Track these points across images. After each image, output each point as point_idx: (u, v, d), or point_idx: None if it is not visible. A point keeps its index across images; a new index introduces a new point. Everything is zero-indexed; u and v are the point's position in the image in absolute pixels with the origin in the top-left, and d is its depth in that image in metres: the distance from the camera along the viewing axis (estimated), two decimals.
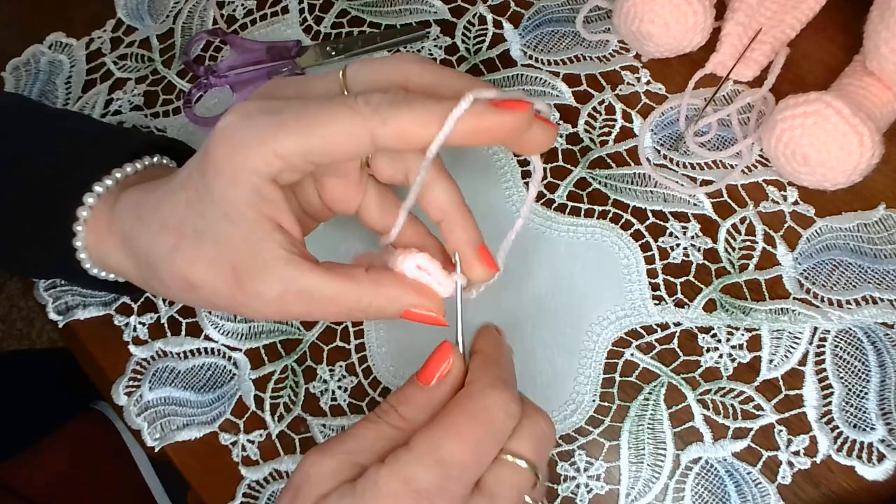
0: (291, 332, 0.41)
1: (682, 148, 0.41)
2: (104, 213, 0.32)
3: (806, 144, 0.36)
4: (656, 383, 0.37)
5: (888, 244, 0.38)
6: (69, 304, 0.43)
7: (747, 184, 0.40)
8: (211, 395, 0.40)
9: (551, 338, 0.38)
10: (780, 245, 0.38)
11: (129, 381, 0.41)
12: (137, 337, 0.42)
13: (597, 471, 0.36)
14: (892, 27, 0.35)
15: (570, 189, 0.41)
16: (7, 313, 1.25)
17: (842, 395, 0.35)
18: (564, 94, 0.43)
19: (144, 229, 0.30)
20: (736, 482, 0.35)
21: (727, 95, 0.42)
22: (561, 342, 0.38)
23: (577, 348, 0.38)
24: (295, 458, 0.38)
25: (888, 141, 0.37)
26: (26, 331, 1.24)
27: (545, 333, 0.38)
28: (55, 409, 0.63)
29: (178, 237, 0.28)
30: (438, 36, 0.46)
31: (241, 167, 0.26)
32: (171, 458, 0.40)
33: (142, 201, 0.31)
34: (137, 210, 0.31)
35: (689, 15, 0.40)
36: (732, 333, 0.37)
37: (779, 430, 0.35)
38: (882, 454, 0.34)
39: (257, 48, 0.47)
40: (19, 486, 0.56)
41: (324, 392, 0.39)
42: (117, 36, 0.50)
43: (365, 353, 0.40)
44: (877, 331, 0.36)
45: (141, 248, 0.30)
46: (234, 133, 0.26)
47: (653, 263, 0.39)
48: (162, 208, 0.29)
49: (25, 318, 1.25)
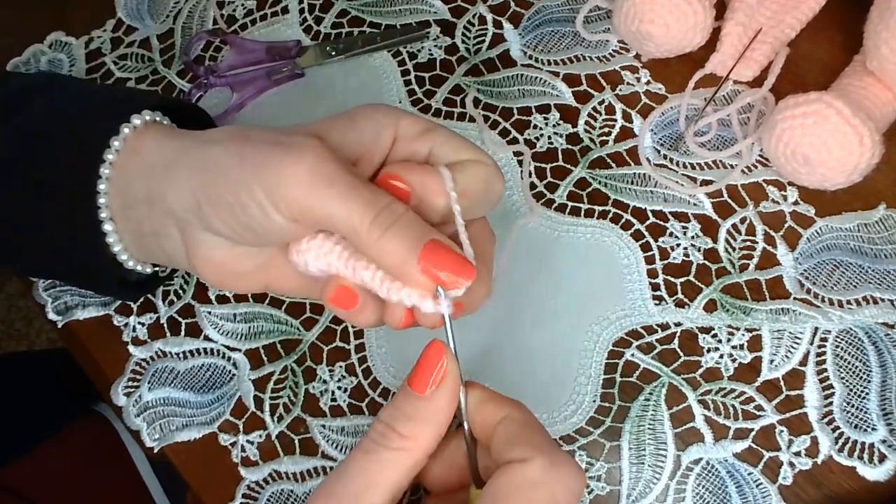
0: (291, 333, 0.41)
1: (682, 148, 0.41)
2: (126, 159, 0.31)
3: (806, 144, 0.36)
4: (657, 384, 0.37)
5: (888, 244, 0.38)
6: (68, 304, 0.43)
7: (747, 184, 0.40)
8: (210, 396, 0.40)
9: (551, 338, 0.38)
10: (781, 245, 0.38)
11: (129, 382, 0.41)
12: (137, 337, 0.42)
13: (597, 472, 0.36)
14: (892, 27, 0.35)
15: (570, 189, 0.41)
16: (6, 313, 1.25)
17: (843, 395, 0.35)
18: (564, 94, 0.43)
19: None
20: (737, 483, 0.35)
21: (727, 95, 0.42)
22: (561, 342, 0.38)
23: (577, 348, 0.38)
24: (294, 458, 0.38)
25: (888, 141, 0.37)
26: (25, 331, 1.24)
27: (545, 333, 0.38)
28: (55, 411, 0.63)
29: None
30: (438, 36, 0.46)
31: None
32: (171, 458, 0.39)
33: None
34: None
35: (689, 15, 0.40)
36: (733, 334, 0.37)
37: (780, 431, 0.35)
38: (883, 455, 0.34)
39: (257, 48, 0.47)
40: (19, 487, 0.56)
41: (323, 392, 0.39)
42: (117, 36, 0.50)
43: (365, 354, 0.40)
44: (878, 331, 0.36)
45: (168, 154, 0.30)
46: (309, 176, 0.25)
47: (653, 263, 0.39)
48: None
49: (24, 317, 1.25)
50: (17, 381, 0.63)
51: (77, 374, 0.43)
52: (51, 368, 0.67)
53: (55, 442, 0.60)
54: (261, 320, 0.41)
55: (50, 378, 0.65)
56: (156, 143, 0.31)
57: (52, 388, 0.64)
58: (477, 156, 0.29)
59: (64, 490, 0.58)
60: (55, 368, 0.66)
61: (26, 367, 0.68)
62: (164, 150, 0.30)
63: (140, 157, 0.31)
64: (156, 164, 0.30)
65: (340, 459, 0.38)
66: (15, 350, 1.21)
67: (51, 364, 0.68)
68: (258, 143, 0.27)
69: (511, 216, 0.41)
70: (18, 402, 0.61)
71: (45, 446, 0.59)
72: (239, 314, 0.41)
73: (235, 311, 0.41)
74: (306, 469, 0.38)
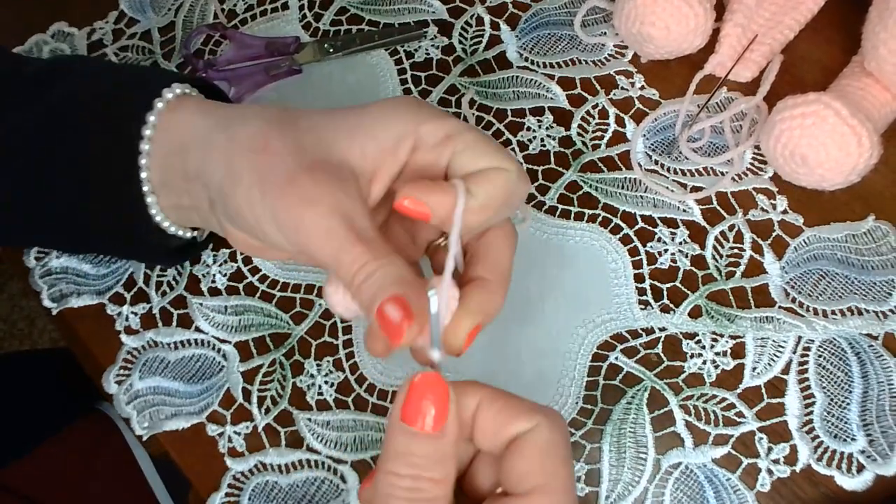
0: (281, 327, 0.41)
1: (674, 153, 0.41)
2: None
3: (804, 145, 0.36)
4: (639, 387, 0.37)
5: (875, 255, 0.38)
6: (63, 291, 0.43)
7: (737, 191, 0.40)
8: (199, 386, 0.41)
9: (537, 339, 0.38)
10: (768, 253, 0.38)
11: (120, 370, 0.41)
12: (129, 326, 0.42)
13: (577, 472, 0.36)
14: (891, 28, 0.35)
15: (560, 192, 0.41)
16: (9, 313, 1.26)
17: (824, 405, 0.36)
18: (559, 96, 0.44)
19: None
20: (715, 488, 0.35)
21: (721, 102, 0.42)
22: (546, 344, 0.38)
23: (562, 350, 0.38)
24: (280, 450, 0.39)
25: (886, 142, 0.37)
26: (28, 330, 1.25)
27: (531, 334, 0.39)
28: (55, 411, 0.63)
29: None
30: (436, 36, 0.46)
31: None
32: (167, 448, 0.40)
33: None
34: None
35: (690, 17, 0.40)
36: (717, 340, 0.37)
37: (759, 438, 0.35)
38: (862, 465, 0.34)
39: (256, 44, 0.48)
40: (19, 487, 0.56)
41: (310, 387, 0.40)
42: (119, 27, 0.51)
43: (352, 349, 0.40)
44: (861, 342, 0.36)
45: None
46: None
47: (640, 268, 0.39)
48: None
49: (27, 317, 1.25)
50: (17, 381, 0.63)
51: (78, 374, 0.44)
52: (52, 368, 0.67)
53: (55, 442, 0.60)
54: (251, 313, 0.41)
55: (51, 378, 0.65)
56: (188, 120, 0.32)
57: (53, 388, 0.64)
58: (499, 161, 0.28)
59: (64, 490, 0.58)
60: (56, 368, 0.67)
61: (27, 366, 0.68)
62: (197, 129, 0.31)
63: (175, 133, 0.32)
64: (190, 142, 0.31)
65: (325, 453, 0.38)
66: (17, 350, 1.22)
67: (52, 364, 0.68)
68: (279, 171, 0.27)
69: None
70: (19, 402, 0.61)
71: (46, 446, 0.59)
72: (230, 307, 0.42)
73: (227, 303, 0.42)
74: (291, 461, 0.38)
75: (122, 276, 0.43)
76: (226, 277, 0.42)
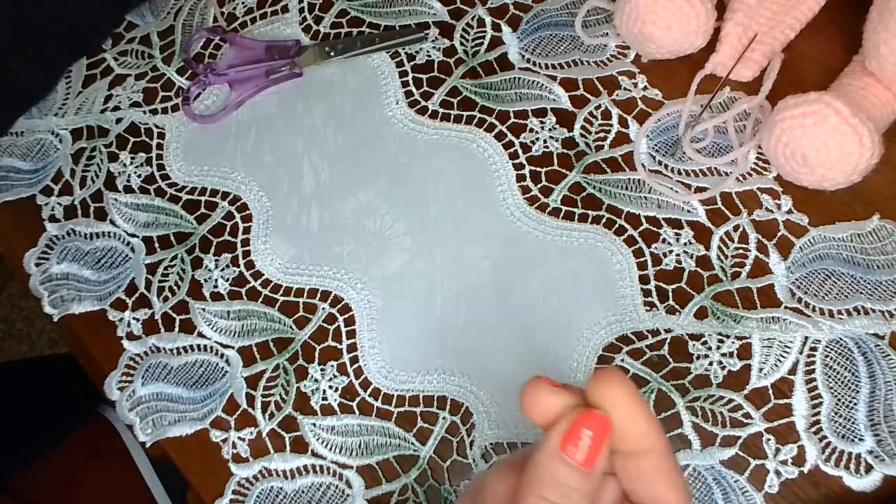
0: (284, 331, 0.41)
1: (678, 153, 0.41)
2: None
3: (805, 145, 0.36)
4: (646, 389, 0.37)
5: (881, 255, 0.38)
6: (64, 297, 0.43)
7: (741, 191, 0.40)
8: (202, 392, 0.40)
9: (542, 342, 0.38)
10: (773, 253, 0.38)
11: (122, 376, 0.41)
12: (131, 332, 0.42)
13: None
14: (892, 27, 0.35)
15: (564, 193, 0.41)
16: (7, 313, 1.25)
17: (831, 405, 0.35)
18: (561, 98, 0.43)
19: None
20: (723, 490, 0.35)
21: (724, 102, 0.42)
22: (552, 346, 0.38)
23: (567, 353, 0.38)
24: (285, 455, 0.38)
25: (888, 141, 0.37)
26: (27, 331, 1.24)
27: (536, 337, 0.38)
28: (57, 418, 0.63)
29: None
30: (437, 38, 0.46)
31: None
32: (170, 455, 0.40)
33: None
34: None
35: (691, 17, 0.40)
36: (723, 341, 0.37)
37: (767, 439, 0.35)
38: (870, 465, 0.34)
39: (256, 47, 0.47)
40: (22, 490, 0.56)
41: (315, 391, 0.39)
42: (118, 32, 0.50)
43: (356, 354, 0.40)
44: (867, 341, 0.36)
45: None
46: None
47: (645, 269, 0.39)
48: None
49: (26, 318, 1.25)
50: (19, 390, 0.63)
51: (79, 378, 0.44)
52: (52, 375, 0.67)
53: (59, 446, 0.60)
54: (254, 318, 0.41)
55: (51, 384, 0.65)
56: None
57: (55, 395, 0.64)
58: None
59: (66, 492, 0.58)
60: (57, 374, 0.67)
61: (28, 375, 0.68)
62: None
63: None
64: None
65: (330, 458, 0.38)
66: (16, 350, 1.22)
67: (52, 370, 0.68)
68: None
69: (504, 219, 0.41)
70: (21, 411, 0.61)
71: (48, 452, 0.59)
72: (233, 312, 0.41)
73: (229, 308, 0.42)
74: (296, 467, 0.38)
75: (123, 282, 0.43)
76: (228, 282, 0.42)
